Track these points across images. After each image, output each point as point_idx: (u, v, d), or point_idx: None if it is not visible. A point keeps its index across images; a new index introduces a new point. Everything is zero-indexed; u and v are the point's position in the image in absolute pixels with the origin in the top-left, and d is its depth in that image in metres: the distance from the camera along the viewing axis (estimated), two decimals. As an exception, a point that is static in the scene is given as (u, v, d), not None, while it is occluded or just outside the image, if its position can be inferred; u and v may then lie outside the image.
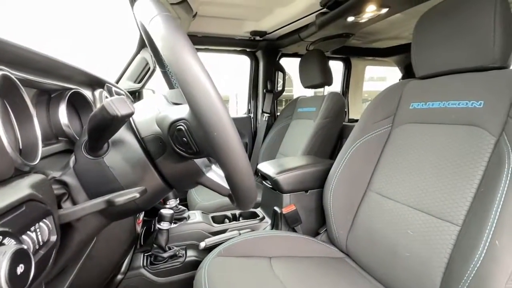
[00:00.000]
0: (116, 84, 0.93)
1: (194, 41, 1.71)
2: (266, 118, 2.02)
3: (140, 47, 1.51)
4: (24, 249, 0.23)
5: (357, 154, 0.87)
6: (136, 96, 1.70)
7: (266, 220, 1.12)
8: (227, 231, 1.04)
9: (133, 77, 1.63)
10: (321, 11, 1.30)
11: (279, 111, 2.09)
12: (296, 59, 1.91)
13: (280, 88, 2.13)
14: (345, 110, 1.62)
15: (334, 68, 1.73)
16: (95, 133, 0.35)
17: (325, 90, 1.70)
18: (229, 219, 1.14)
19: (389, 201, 0.76)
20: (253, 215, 1.16)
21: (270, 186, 1.09)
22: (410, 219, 0.69)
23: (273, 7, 1.34)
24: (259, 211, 1.19)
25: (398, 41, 1.89)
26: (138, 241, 0.98)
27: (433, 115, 0.73)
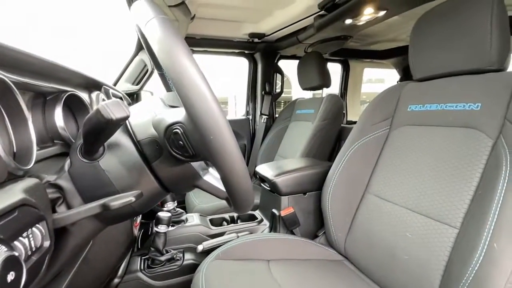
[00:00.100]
0: (114, 86, 0.93)
1: (192, 43, 1.71)
2: (265, 120, 2.02)
3: (138, 48, 1.51)
4: (15, 256, 0.22)
5: (355, 156, 0.87)
6: (134, 98, 1.70)
7: (265, 222, 1.12)
8: (225, 233, 1.03)
9: (131, 79, 1.63)
10: (319, 14, 1.31)
11: (277, 113, 2.09)
12: (295, 61, 1.91)
13: (278, 90, 2.13)
14: (343, 112, 1.62)
15: (332, 70, 1.73)
16: (90, 137, 0.35)
17: (323, 92, 1.70)
18: (227, 222, 1.14)
19: (387, 204, 0.76)
20: (252, 217, 1.16)
21: (269, 189, 1.08)
22: (408, 221, 0.69)
23: (271, 9, 1.34)
24: (257, 213, 1.18)
25: (396, 43, 1.89)
26: (135, 244, 0.97)
27: (430, 117, 0.73)
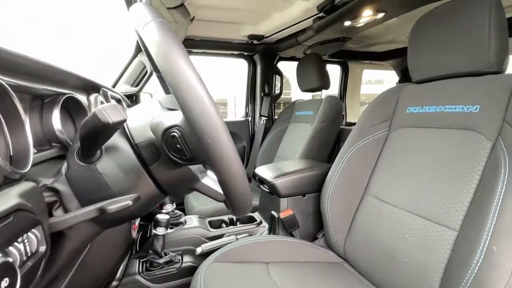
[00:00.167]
0: (112, 88, 0.92)
1: (191, 44, 1.71)
2: (264, 121, 2.02)
3: (138, 50, 1.51)
4: (9, 262, 0.22)
5: (355, 158, 0.87)
6: (133, 100, 1.70)
7: (264, 224, 1.11)
8: (224, 236, 1.03)
9: (130, 80, 1.63)
10: (318, 16, 1.31)
11: (277, 114, 2.09)
12: (295, 62, 1.91)
13: (278, 91, 2.13)
14: (342, 113, 1.62)
15: (332, 71, 1.73)
16: (87, 140, 0.35)
17: (322, 93, 1.71)
18: (226, 224, 1.13)
19: (386, 206, 0.76)
20: (251, 219, 1.16)
21: (268, 190, 1.08)
22: (407, 223, 0.69)
23: (270, 11, 1.34)
24: (256, 215, 1.18)
25: (395, 45, 1.90)
26: (134, 246, 0.97)
27: (429, 119, 0.73)
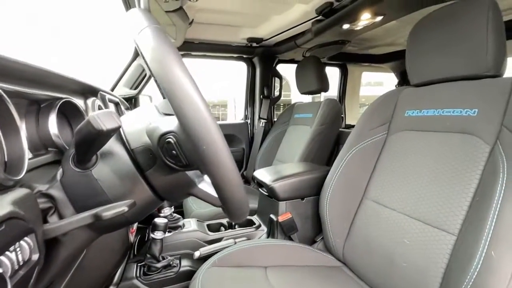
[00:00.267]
0: (111, 92, 0.92)
1: (190, 47, 1.72)
2: (263, 124, 2.02)
3: (137, 53, 1.51)
4: None
5: (353, 161, 0.87)
6: (132, 103, 1.70)
7: (262, 228, 1.11)
8: (222, 239, 1.02)
9: (129, 83, 1.63)
10: (317, 19, 1.31)
11: (276, 116, 2.09)
12: (294, 64, 1.92)
13: (277, 93, 2.13)
14: (341, 116, 1.62)
15: (331, 74, 1.73)
16: (82, 147, 0.34)
17: (321, 96, 1.71)
18: (225, 227, 1.13)
19: (385, 209, 0.75)
20: (249, 223, 1.15)
21: (266, 194, 1.08)
22: (406, 227, 0.68)
23: (269, 14, 1.34)
24: (255, 218, 1.17)
25: (394, 47, 1.90)
26: (132, 250, 0.96)
27: (427, 122, 0.73)
